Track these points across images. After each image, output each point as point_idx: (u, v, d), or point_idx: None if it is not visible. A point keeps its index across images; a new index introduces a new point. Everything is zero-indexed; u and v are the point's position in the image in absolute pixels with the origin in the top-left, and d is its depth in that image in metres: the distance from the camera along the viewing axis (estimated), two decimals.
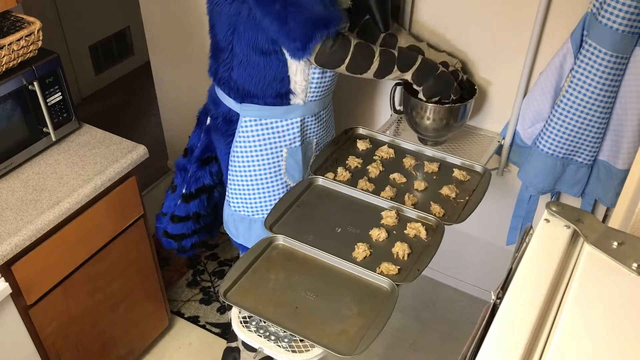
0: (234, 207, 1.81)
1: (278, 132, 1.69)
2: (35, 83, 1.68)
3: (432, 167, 1.69)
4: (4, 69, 1.61)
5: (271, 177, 1.72)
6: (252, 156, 1.71)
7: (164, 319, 2.30)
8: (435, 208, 1.54)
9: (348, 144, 1.78)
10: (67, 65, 3.40)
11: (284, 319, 1.29)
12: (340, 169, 1.67)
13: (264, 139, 1.68)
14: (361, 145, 1.77)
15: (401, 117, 2.07)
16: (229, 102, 1.71)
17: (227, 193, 1.84)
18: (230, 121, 1.73)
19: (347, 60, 1.53)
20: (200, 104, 1.94)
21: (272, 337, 1.28)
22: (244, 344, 2.13)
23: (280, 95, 1.62)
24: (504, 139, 1.98)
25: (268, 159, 1.70)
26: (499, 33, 1.85)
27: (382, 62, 1.56)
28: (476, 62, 1.95)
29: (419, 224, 1.49)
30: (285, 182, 1.74)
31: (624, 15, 1.48)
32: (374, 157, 1.73)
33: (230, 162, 1.77)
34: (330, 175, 1.66)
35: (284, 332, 1.28)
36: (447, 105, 1.76)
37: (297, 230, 1.49)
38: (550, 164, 1.81)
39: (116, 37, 3.71)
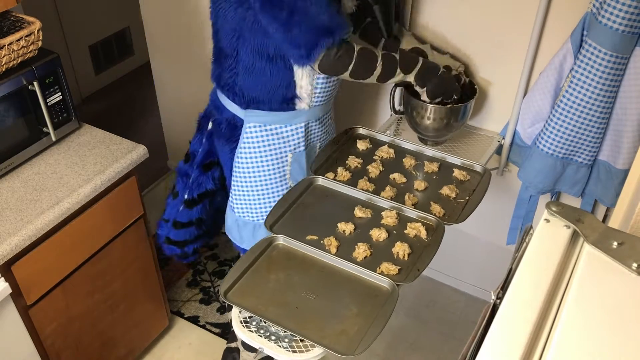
0: (238, 212, 1.81)
1: (283, 137, 1.69)
2: (35, 83, 1.68)
3: (432, 167, 1.69)
4: (4, 69, 1.61)
5: (276, 182, 1.73)
6: (257, 162, 1.71)
7: (164, 319, 2.30)
8: (436, 208, 1.54)
9: (348, 144, 1.78)
10: (67, 65, 3.40)
11: (285, 319, 1.29)
12: (340, 169, 1.67)
13: (269, 145, 1.69)
14: (361, 145, 1.77)
15: (401, 117, 2.07)
16: (233, 107, 1.70)
17: (230, 198, 1.83)
18: (234, 127, 1.72)
19: (350, 67, 1.54)
20: (200, 104, 1.94)
21: (273, 337, 1.28)
22: (243, 344, 2.13)
23: (286, 100, 1.63)
24: (503, 138, 1.98)
25: (273, 164, 1.71)
26: (499, 33, 1.85)
27: (384, 66, 1.57)
28: (476, 62, 1.95)
29: (419, 223, 1.49)
30: (290, 186, 1.75)
31: (624, 15, 1.48)
32: (374, 157, 1.73)
33: (234, 168, 1.76)
34: (331, 175, 1.66)
35: (284, 332, 1.28)
36: (449, 105, 1.77)
37: (298, 230, 1.49)
38: (550, 164, 1.81)
39: (116, 37, 3.71)
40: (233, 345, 2.27)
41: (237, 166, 1.75)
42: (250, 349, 2.10)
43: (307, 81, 1.60)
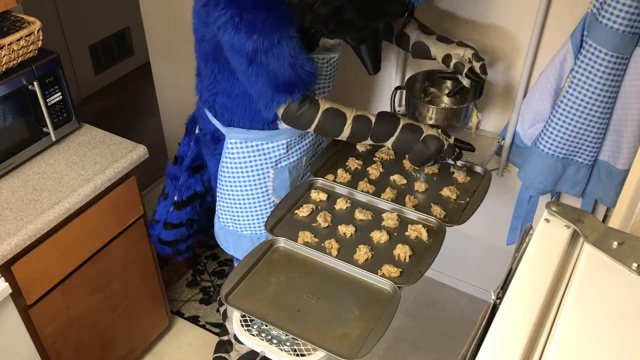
0: (223, 221, 1.79)
1: (264, 153, 1.64)
2: (35, 83, 1.68)
3: (432, 168, 1.69)
4: (4, 69, 1.61)
5: (259, 198, 1.69)
6: (239, 177, 1.67)
7: (164, 319, 2.30)
8: (436, 209, 1.54)
9: (348, 145, 1.78)
10: (67, 65, 3.40)
11: (286, 322, 1.28)
12: (340, 171, 1.67)
13: (251, 161, 1.64)
14: (361, 146, 1.77)
15: None
16: (215, 122, 1.66)
17: (217, 207, 1.81)
18: (217, 140, 1.68)
19: (314, 126, 1.46)
20: None
21: (274, 341, 1.28)
22: (236, 337, 2.13)
23: (267, 122, 1.58)
24: (503, 139, 1.98)
25: (255, 180, 1.67)
26: (498, 34, 1.85)
27: (354, 130, 1.45)
28: None
29: (420, 225, 1.49)
30: (273, 201, 1.71)
31: (624, 15, 1.48)
32: (374, 159, 1.73)
33: (218, 181, 1.73)
34: (330, 177, 1.65)
35: (286, 335, 1.27)
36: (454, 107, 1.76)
37: (298, 232, 1.48)
38: (551, 165, 1.81)
39: (116, 37, 3.71)
40: (225, 338, 2.27)
41: (221, 179, 1.72)
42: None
43: None
